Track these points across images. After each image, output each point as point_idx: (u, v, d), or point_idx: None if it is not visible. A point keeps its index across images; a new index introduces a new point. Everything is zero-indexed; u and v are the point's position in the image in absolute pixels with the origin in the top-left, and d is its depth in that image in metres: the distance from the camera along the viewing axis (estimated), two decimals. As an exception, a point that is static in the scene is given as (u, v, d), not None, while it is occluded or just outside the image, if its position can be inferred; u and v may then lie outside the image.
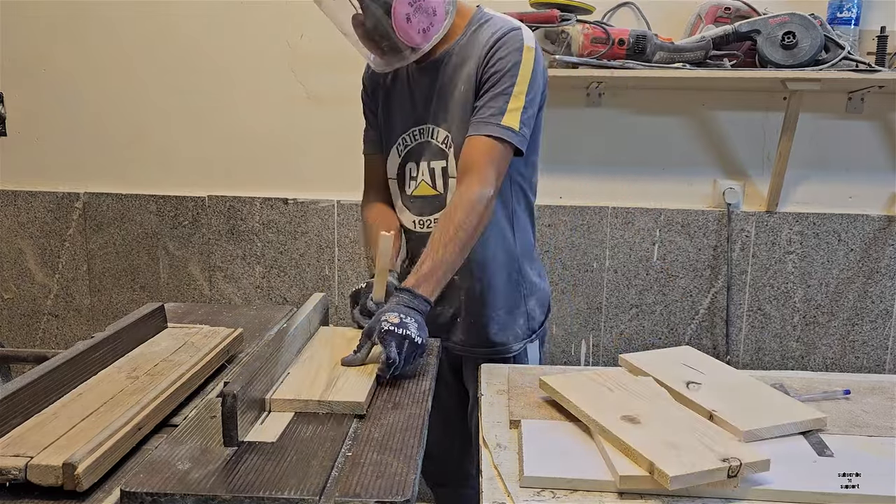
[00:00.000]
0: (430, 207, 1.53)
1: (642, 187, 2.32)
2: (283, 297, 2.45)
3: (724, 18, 2.09)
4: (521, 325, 1.58)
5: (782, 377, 1.35)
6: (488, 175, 1.38)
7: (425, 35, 1.39)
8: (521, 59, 1.40)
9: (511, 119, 1.39)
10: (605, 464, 0.99)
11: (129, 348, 1.29)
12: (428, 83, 1.50)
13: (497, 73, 1.40)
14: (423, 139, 1.52)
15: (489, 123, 1.39)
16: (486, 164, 1.38)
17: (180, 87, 2.38)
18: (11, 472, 0.88)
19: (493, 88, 1.40)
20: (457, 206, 1.37)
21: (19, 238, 2.50)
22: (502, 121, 1.39)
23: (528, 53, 1.41)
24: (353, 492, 0.89)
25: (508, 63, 1.40)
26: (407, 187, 1.56)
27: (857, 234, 2.29)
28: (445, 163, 1.50)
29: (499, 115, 1.39)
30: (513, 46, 1.41)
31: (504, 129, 1.39)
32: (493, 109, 1.40)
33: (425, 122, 1.51)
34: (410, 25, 1.36)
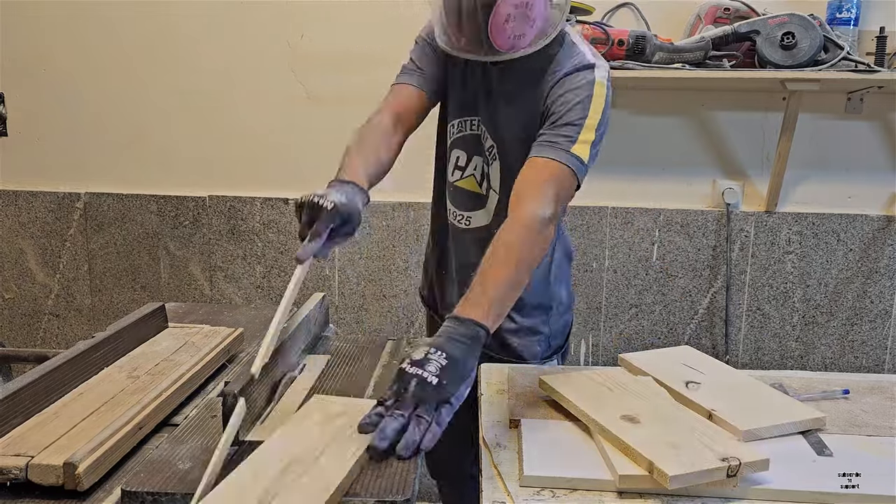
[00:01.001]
0: (470, 203, 1.49)
1: (642, 187, 2.33)
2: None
3: (724, 19, 2.09)
4: (542, 343, 1.55)
5: (781, 377, 1.35)
6: (548, 195, 1.24)
7: (514, 42, 1.29)
8: (593, 93, 1.31)
9: (581, 150, 1.29)
10: (605, 463, 0.99)
11: (129, 348, 1.30)
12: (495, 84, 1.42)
13: (567, 104, 1.31)
14: (475, 132, 1.46)
15: (560, 149, 1.28)
16: (549, 185, 1.26)
17: (180, 87, 2.38)
18: (12, 471, 0.89)
19: (566, 117, 1.30)
20: (512, 226, 1.22)
21: (20, 238, 2.50)
22: (572, 149, 1.28)
23: (599, 88, 1.32)
24: (353, 491, 0.89)
25: (580, 95, 1.31)
26: (451, 174, 1.51)
27: (856, 234, 2.29)
28: (488, 168, 1.46)
29: (570, 143, 1.29)
30: (585, 80, 1.32)
31: (574, 158, 1.28)
32: (564, 138, 1.29)
33: (478, 115, 1.44)
34: (505, 27, 1.27)
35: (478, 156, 1.47)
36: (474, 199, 1.49)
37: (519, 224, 1.21)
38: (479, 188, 1.49)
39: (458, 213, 1.52)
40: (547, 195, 1.24)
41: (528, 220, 1.21)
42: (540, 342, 1.55)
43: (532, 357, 1.54)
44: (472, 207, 1.50)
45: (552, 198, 1.24)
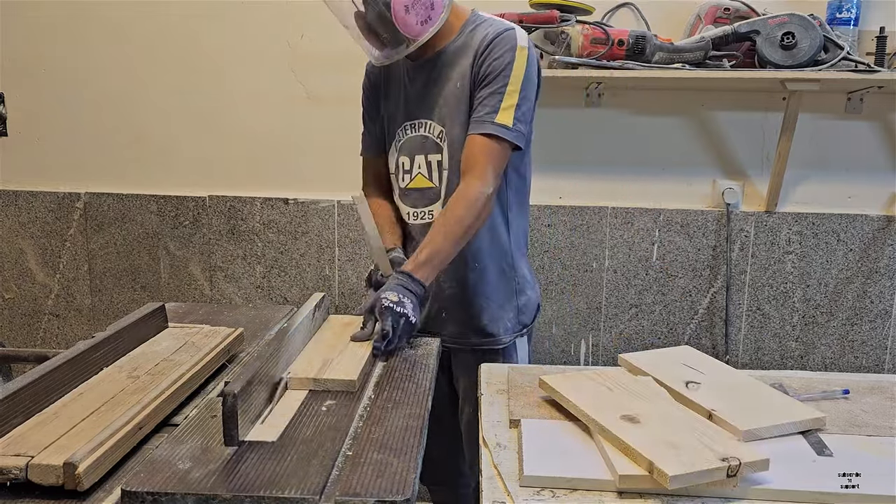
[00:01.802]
0: (424, 199, 1.59)
1: (642, 187, 2.33)
2: (284, 296, 2.45)
3: (724, 19, 2.09)
4: (511, 319, 1.62)
5: (781, 377, 1.35)
6: (487, 174, 1.45)
7: (423, 26, 1.44)
8: (514, 57, 1.46)
9: (505, 116, 1.45)
10: (605, 463, 0.99)
11: (129, 348, 1.30)
12: (423, 80, 1.55)
13: (491, 73, 1.46)
14: (416, 133, 1.57)
15: (484, 122, 1.45)
16: (485, 162, 1.45)
17: (180, 87, 2.38)
18: (12, 471, 0.89)
19: (488, 87, 1.46)
20: (457, 201, 1.45)
21: (20, 238, 2.50)
22: (496, 118, 1.45)
23: (520, 52, 1.46)
24: (353, 491, 0.89)
25: (503, 62, 1.45)
26: (401, 181, 1.62)
27: (856, 234, 2.29)
28: (440, 156, 1.55)
29: (493, 113, 1.45)
30: (506, 46, 1.46)
31: (498, 127, 1.45)
32: (488, 108, 1.46)
33: (419, 117, 1.57)
34: (409, 16, 1.41)
35: (419, 154, 1.58)
36: (428, 193, 1.58)
37: (466, 197, 1.44)
38: (429, 181, 1.57)
39: (418, 211, 1.60)
40: (487, 174, 1.45)
41: (473, 195, 1.44)
42: (509, 318, 1.61)
43: (504, 332, 1.61)
44: (429, 202, 1.58)
45: (491, 175, 1.45)
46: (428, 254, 1.42)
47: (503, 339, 1.61)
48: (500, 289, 1.60)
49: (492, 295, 1.60)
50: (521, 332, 1.64)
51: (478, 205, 1.44)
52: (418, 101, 1.57)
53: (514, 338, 1.62)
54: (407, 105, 1.58)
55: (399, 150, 1.61)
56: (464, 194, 1.45)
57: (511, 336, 1.62)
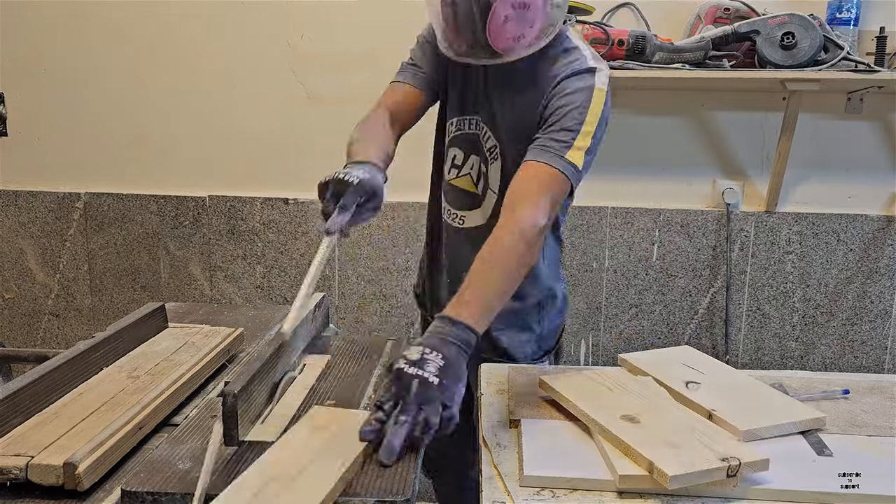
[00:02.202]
0: (465, 202, 1.50)
1: (642, 187, 2.33)
2: (284, 296, 2.45)
3: (724, 19, 2.09)
4: (531, 344, 1.55)
5: (781, 377, 1.35)
6: (543, 205, 1.25)
7: (514, 44, 1.29)
8: (591, 97, 1.32)
9: (576, 156, 1.30)
10: (605, 463, 0.99)
11: (129, 348, 1.29)
12: (496, 84, 1.42)
13: (565, 108, 1.31)
14: (474, 131, 1.46)
15: (553, 154, 1.29)
16: (543, 193, 1.27)
17: (180, 87, 2.38)
18: (12, 471, 0.89)
19: (562, 122, 1.31)
20: (505, 230, 1.23)
21: (20, 238, 2.50)
22: (567, 154, 1.29)
23: (598, 94, 1.33)
24: (353, 491, 0.89)
25: (578, 101, 1.31)
26: (447, 172, 1.51)
27: (856, 234, 2.29)
28: (487, 168, 1.46)
29: (565, 148, 1.29)
30: (584, 85, 1.32)
31: (568, 164, 1.29)
32: (560, 143, 1.30)
33: (482, 118, 1.44)
34: (504, 29, 1.26)
35: (475, 155, 1.47)
36: (469, 198, 1.50)
37: (514, 229, 1.22)
38: (474, 187, 1.49)
39: (453, 211, 1.53)
40: (542, 203, 1.25)
41: (523, 227, 1.22)
42: (530, 342, 1.54)
43: (523, 357, 1.53)
44: (467, 207, 1.50)
45: (547, 206, 1.26)
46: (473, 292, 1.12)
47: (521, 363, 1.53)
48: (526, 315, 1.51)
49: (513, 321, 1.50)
50: (541, 357, 1.56)
51: (529, 236, 1.21)
52: (484, 100, 1.43)
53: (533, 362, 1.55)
54: (472, 96, 1.44)
55: (451, 139, 1.49)
56: (516, 224, 1.22)
57: (529, 360, 1.54)
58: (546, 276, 1.53)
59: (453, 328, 1.06)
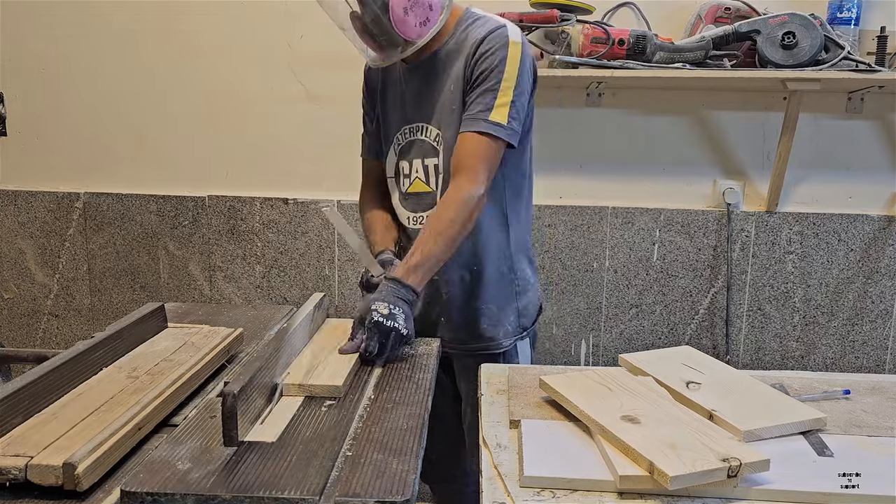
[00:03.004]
0: (422, 204, 1.56)
1: (642, 187, 2.32)
2: (284, 296, 2.45)
3: (724, 18, 2.09)
4: (511, 322, 1.59)
5: (782, 377, 1.35)
6: (478, 173, 1.41)
7: (422, 28, 1.41)
8: (506, 54, 1.42)
9: (499, 114, 1.41)
10: (605, 464, 0.99)
11: (129, 348, 1.29)
12: (418, 83, 1.53)
13: (485, 71, 1.42)
14: (414, 137, 1.55)
15: (478, 119, 1.42)
16: (476, 161, 1.41)
17: (180, 87, 2.38)
18: (11, 471, 0.88)
19: (481, 85, 1.42)
20: (447, 202, 1.41)
21: (19, 238, 2.50)
22: (490, 116, 1.41)
23: (513, 48, 1.43)
24: (353, 492, 0.89)
25: (495, 59, 1.42)
26: (402, 185, 1.60)
27: (856, 234, 2.29)
28: (437, 160, 1.52)
29: (487, 111, 1.41)
30: (498, 43, 1.42)
31: (492, 125, 1.41)
32: (482, 106, 1.42)
33: (416, 120, 1.54)
34: (408, 18, 1.38)
35: (416, 158, 1.55)
36: (426, 197, 1.56)
37: (454, 199, 1.40)
38: (427, 186, 1.55)
39: (416, 215, 1.58)
40: (479, 174, 1.41)
41: (462, 197, 1.40)
42: (510, 321, 1.59)
43: (505, 336, 1.58)
44: (427, 207, 1.56)
45: (483, 175, 1.41)
46: (419, 258, 1.37)
47: (503, 342, 1.58)
48: (500, 292, 1.57)
49: (490, 298, 1.57)
50: (521, 334, 1.61)
51: (469, 206, 1.39)
52: (415, 104, 1.54)
53: (515, 341, 1.60)
54: (404, 108, 1.56)
55: (398, 154, 1.59)
56: (455, 195, 1.41)
57: (511, 339, 1.59)
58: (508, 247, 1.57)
59: (403, 289, 1.34)
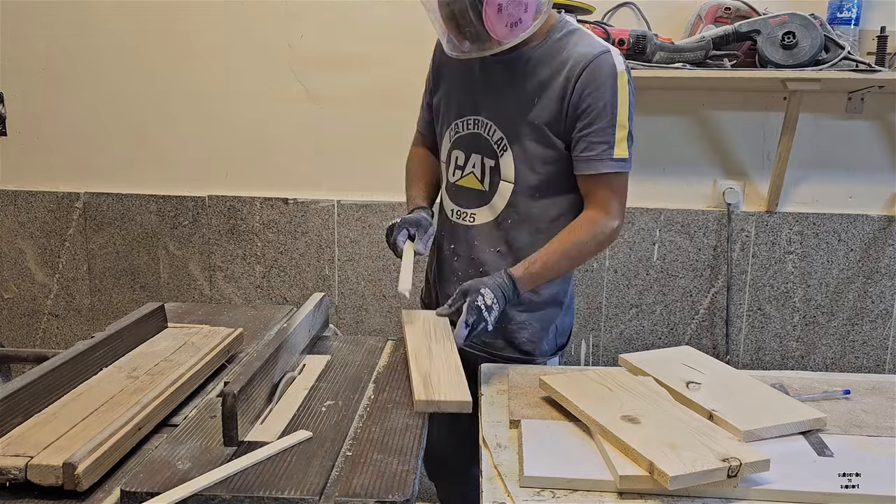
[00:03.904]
0: (471, 201, 1.53)
1: (642, 187, 2.32)
2: (284, 296, 2.45)
3: (724, 18, 2.09)
4: (549, 340, 1.57)
5: (782, 377, 1.35)
6: (614, 208, 1.43)
7: (513, 30, 1.34)
8: (617, 86, 1.38)
9: (621, 149, 1.41)
10: (605, 464, 0.99)
11: (129, 348, 1.29)
12: (495, 79, 1.47)
13: (597, 106, 1.38)
14: (475, 131, 1.50)
15: (604, 161, 1.41)
16: (612, 198, 1.43)
17: (180, 87, 2.38)
18: (11, 471, 0.89)
19: (597, 122, 1.39)
20: (583, 224, 1.43)
21: (19, 238, 2.50)
22: (615, 154, 1.40)
23: (622, 79, 1.39)
24: (353, 492, 0.89)
25: (607, 93, 1.38)
26: (451, 175, 1.56)
27: (857, 234, 2.29)
28: (495, 162, 1.49)
29: (610, 149, 1.40)
30: (608, 74, 1.38)
31: (619, 163, 1.41)
32: (604, 145, 1.40)
33: (482, 115, 1.49)
34: (500, 17, 1.31)
35: (475, 153, 1.51)
36: (476, 196, 1.52)
37: (590, 229, 1.43)
38: (480, 184, 1.52)
39: (462, 210, 1.55)
40: (614, 209, 1.43)
41: (599, 226, 1.43)
42: (548, 339, 1.56)
43: (540, 354, 1.55)
44: (475, 204, 1.53)
45: (619, 209, 1.44)
46: (540, 268, 1.40)
47: (537, 359, 1.55)
48: (549, 311, 1.55)
49: (539, 316, 1.54)
50: (555, 353, 1.59)
51: (602, 235, 1.42)
52: (485, 98, 1.48)
53: (547, 359, 1.57)
54: (472, 98, 1.50)
55: (453, 142, 1.54)
56: (592, 220, 1.43)
57: (545, 358, 1.57)
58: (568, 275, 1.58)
59: (513, 291, 1.38)
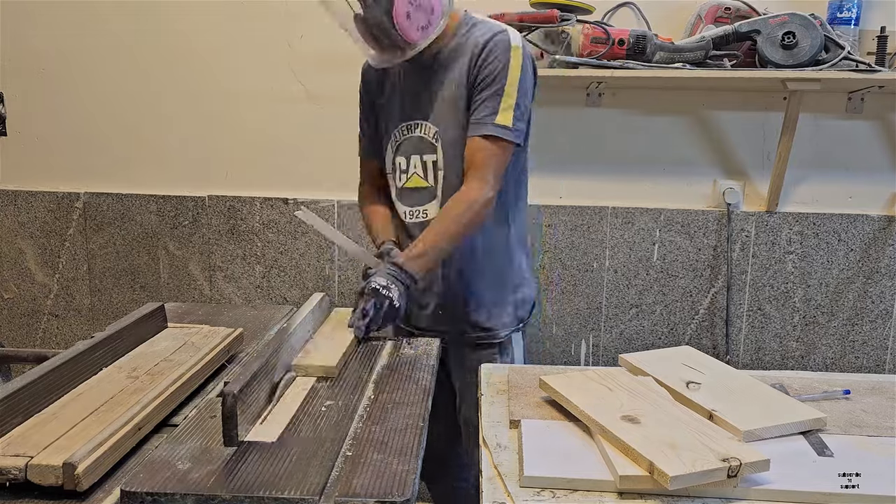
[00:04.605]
0: (420, 199, 1.60)
1: (642, 187, 2.32)
2: (284, 296, 2.45)
3: (724, 18, 2.09)
4: (509, 314, 1.63)
5: (782, 377, 1.35)
6: (487, 176, 1.48)
7: (424, 32, 1.46)
8: (509, 58, 1.48)
9: (504, 117, 1.48)
10: (605, 464, 0.99)
11: (129, 348, 1.29)
12: (418, 81, 1.57)
13: (489, 76, 1.48)
14: (412, 134, 1.59)
15: (485, 124, 1.49)
16: (485, 165, 1.49)
17: (181, 88, 2.38)
18: (11, 471, 0.88)
19: (486, 90, 1.49)
20: (457, 200, 1.49)
21: (19, 238, 2.50)
22: (497, 119, 1.48)
23: (515, 52, 1.49)
24: (353, 492, 0.89)
25: (498, 64, 1.48)
26: (398, 180, 1.63)
27: (857, 234, 2.29)
28: (435, 156, 1.57)
29: (493, 114, 1.48)
30: (501, 48, 1.49)
31: (499, 128, 1.48)
32: (488, 110, 1.49)
33: (415, 118, 1.58)
34: (410, 23, 1.43)
35: (415, 154, 1.59)
36: (423, 192, 1.60)
37: (463, 200, 1.48)
38: (425, 182, 1.59)
39: (414, 210, 1.62)
40: (487, 177, 1.48)
41: (471, 198, 1.47)
42: (507, 312, 1.63)
43: (502, 327, 1.62)
44: (424, 201, 1.60)
45: (492, 178, 1.48)
46: (422, 249, 1.47)
47: (500, 333, 1.63)
48: (499, 284, 1.62)
49: (490, 290, 1.61)
50: (517, 327, 1.66)
51: (477, 206, 1.47)
52: (414, 102, 1.58)
53: (511, 332, 1.64)
54: (402, 106, 1.60)
55: (396, 151, 1.63)
56: (465, 195, 1.48)
57: (508, 331, 1.64)
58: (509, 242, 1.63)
59: (402, 273, 1.44)
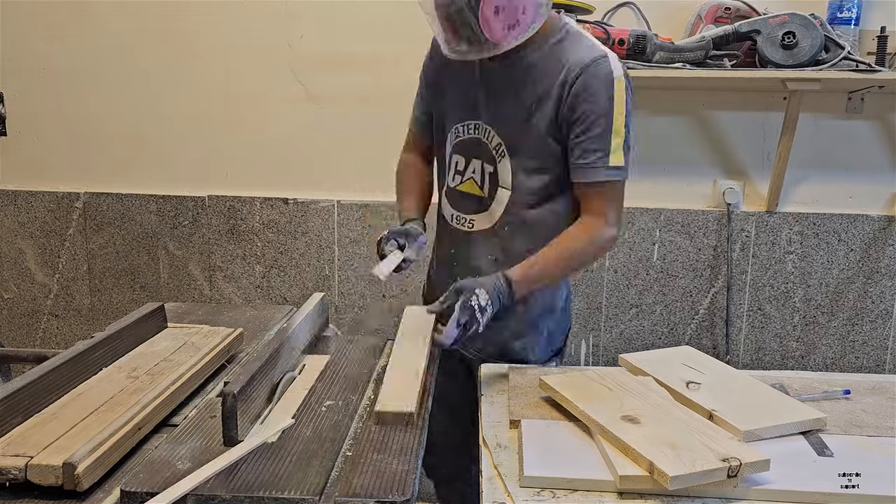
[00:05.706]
0: (470, 206, 1.52)
1: (642, 187, 2.32)
2: (284, 296, 2.45)
3: (724, 18, 2.09)
4: (542, 347, 1.56)
5: (782, 377, 1.35)
6: (610, 217, 1.41)
7: (509, 32, 1.31)
8: (613, 94, 1.36)
9: (617, 157, 1.38)
10: (605, 464, 0.99)
11: (129, 348, 1.29)
12: (496, 83, 1.45)
13: (591, 114, 1.36)
14: (475, 136, 1.48)
15: (596, 168, 1.38)
16: (608, 208, 1.41)
17: (180, 87, 2.38)
18: (11, 471, 0.89)
19: (592, 129, 1.37)
20: (582, 233, 1.41)
21: (19, 238, 2.50)
22: (610, 162, 1.38)
23: (618, 85, 1.37)
24: (353, 492, 0.89)
25: (602, 100, 1.36)
26: (450, 179, 1.54)
27: (857, 234, 2.28)
28: (494, 168, 1.47)
29: (604, 156, 1.37)
30: (603, 81, 1.36)
31: (614, 171, 1.39)
32: (599, 153, 1.37)
33: (481, 120, 1.47)
34: (497, 19, 1.29)
35: (476, 158, 1.49)
36: (475, 202, 1.51)
37: (591, 234, 1.41)
38: (480, 191, 1.50)
39: (461, 216, 1.53)
40: (611, 218, 1.41)
41: (596, 234, 1.41)
42: (541, 343, 1.55)
43: (535, 360, 1.54)
44: (474, 210, 1.51)
45: (615, 217, 1.42)
46: (538, 273, 1.38)
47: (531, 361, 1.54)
48: (539, 314, 1.54)
49: (530, 325, 1.53)
50: (551, 357, 1.58)
51: (599, 244, 1.41)
52: (485, 102, 1.46)
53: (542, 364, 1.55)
54: (470, 103, 1.47)
55: (454, 147, 1.52)
56: (590, 228, 1.40)
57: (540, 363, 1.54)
58: None
59: (508, 294, 1.34)
